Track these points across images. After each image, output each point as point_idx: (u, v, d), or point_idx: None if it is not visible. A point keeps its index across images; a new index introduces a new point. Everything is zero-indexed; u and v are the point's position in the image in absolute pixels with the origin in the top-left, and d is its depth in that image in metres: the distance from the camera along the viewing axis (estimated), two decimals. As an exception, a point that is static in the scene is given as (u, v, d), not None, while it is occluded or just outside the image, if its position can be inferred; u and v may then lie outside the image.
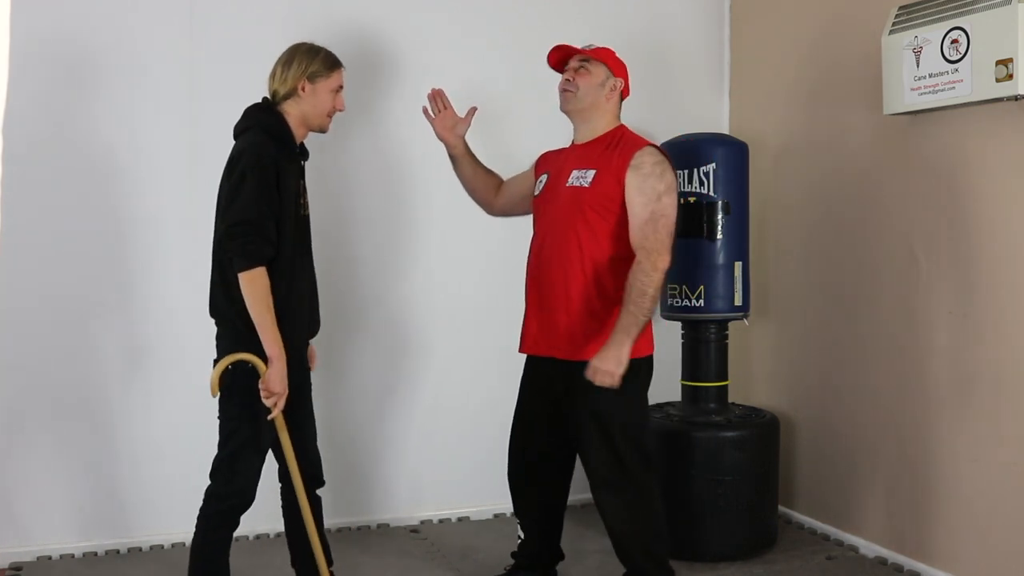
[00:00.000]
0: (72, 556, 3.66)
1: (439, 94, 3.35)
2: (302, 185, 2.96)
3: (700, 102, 4.51)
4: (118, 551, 3.72)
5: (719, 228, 3.72)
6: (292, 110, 2.90)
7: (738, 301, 3.76)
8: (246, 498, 2.87)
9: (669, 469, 3.60)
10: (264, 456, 2.91)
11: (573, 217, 3.02)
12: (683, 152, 3.78)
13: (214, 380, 2.73)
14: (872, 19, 3.59)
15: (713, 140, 3.85)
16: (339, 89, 2.98)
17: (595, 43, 3.19)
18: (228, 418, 2.84)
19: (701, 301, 3.73)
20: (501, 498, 3.39)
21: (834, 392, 3.89)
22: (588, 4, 4.29)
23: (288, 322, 2.80)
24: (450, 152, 3.37)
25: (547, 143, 3.34)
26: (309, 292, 2.99)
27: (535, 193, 3.22)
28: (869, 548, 3.70)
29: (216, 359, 2.84)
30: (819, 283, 3.97)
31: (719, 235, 3.72)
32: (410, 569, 3.59)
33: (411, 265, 4.10)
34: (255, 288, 2.70)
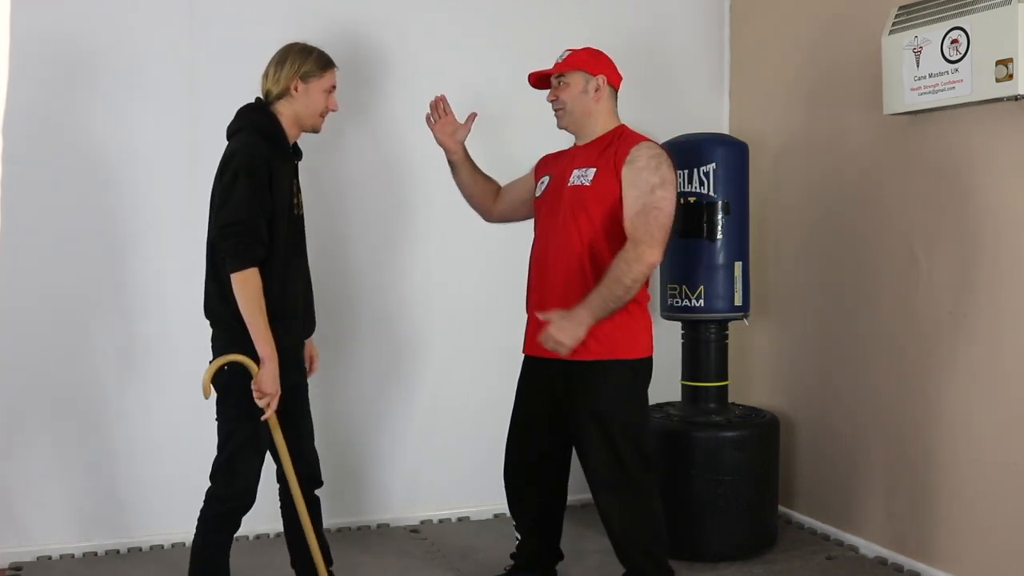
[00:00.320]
0: (72, 556, 3.66)
1: (441, 100, 3.35)
2: (296, 185, 2.96)
3: (700, 102, 4.51)
4: (118, 551, 3.72)
5: (719, 228, 3.72)
6: (285, 110, 2.90)
7: (738, 301, 3.76)
8: (247, 500, 2.87)
9: (669, 469, 3.60)
10: (263, 456, 2.90)
11: (576, 216, 3.02)
12: (683, 152, 3.78)
13: (205, 381, 2.73)
14: (872, 19, 3.59)
15: (713, 140, 3.85)
16: (332, 89, 2.98)
17: (574, 46, 3.17)
18: (226, 419, 2.84)
19: (701, 301, 3.73)
20: (501, 498, 3.38)
21: (834, 392, 3.89)
22: (588, 4, 4.29)
23: (282, 322, 2.80)
24: (449, 158, 3.37)
25: (547, 143, 3.34)
26: (303, 292, 2.99)
27: (536, 195, 3.22)
28: (869, 548, 3.70)
29: (211, 360, 2.84)
30: (819, 283, 3.97)
31: (719, 235, 3.72)
32: (410, 569, 3.59)
33: (410, 265, 4.10)
34: (247, 288, 2.70)
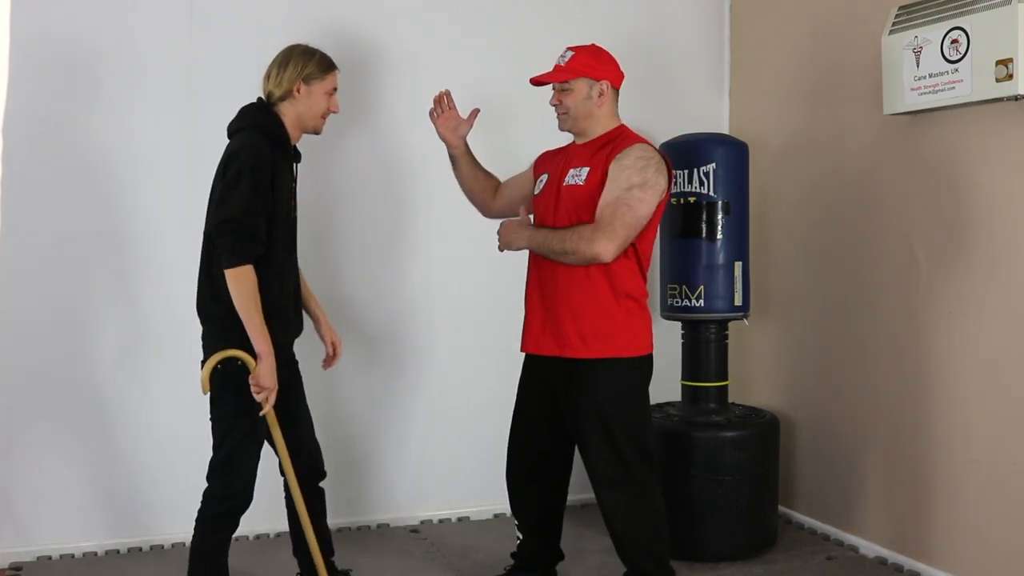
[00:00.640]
0: (72, 556, 3.66)
1: (445, 95, 3.35)
2: (293, 187, 2.98)
3: (700, 102, 4.51)
4: (118, 551, 3.72)
5: (719, 228, 3.72)
6: (287, 111, 2.92)
7: (738, 301, 3.76)
8: (245, 498, 2.88)
9: (669, 469, 3.59)
10: (259, 453, 2.92)
11: (571, 215, 3.03)
12: (683, 152, 3.78)
13: (204, 378, 2.74)
14: (872, 19, 3.59)
15: (713, 140, 3.85)
16: (334, 91, 3.00)
17: (578, 44, 3.16)
18: (222, 418, 2.85)
19: (701, 301, 3.73)
20: (501, 498, 3.39)
21: (834, 392, 3.89)
22: (588, 4, 4.29)
23: (278, 320, 2.83)
24: (450, 152, 3.37)
25: (548, 142, 3.34)
26: (295, 291, 3.01)
27: (535, 192, 3.22)
28: (869, 548, 3.70)
29: (203, 359, 2.85)
30: (819, 283, 3.97)
31: (719, 235, 3.72)
32: (410, 569, 3.59)
33: (411, 265, 4.10)
34: (242, 285, 2.71)
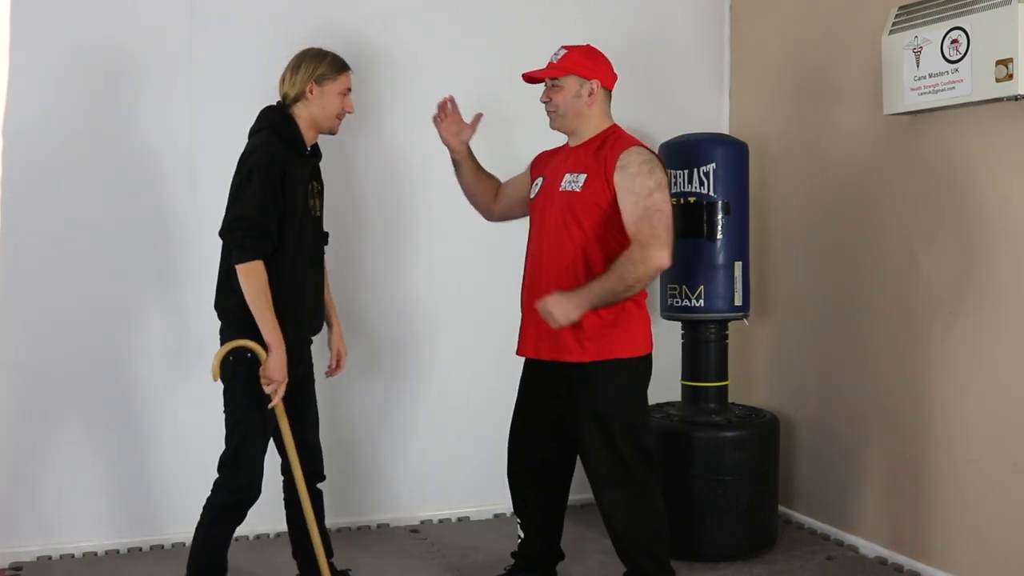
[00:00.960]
0: (72, 556, 3.66)
1: (449, 100, 3.33)
2: (313, 186, 3.03)
3: (700, 102, 4.51)
4: (118, 551, 3.72)
5: (719, 228, 3.72)
6: (302, 113, 2.98)
7: (738, 301, 3.76)
8: (253, 492, 2.93)
9: (669, 469, 3.59)
10: (266, 448, 2.95)
11: (567, 221, 3.02)
12: (683, 152, 3.78)
13: (215, 365, 2.81)
14: (872, 19, 3.59)
15: (713, 140, 3.85)
16: (347, 91, 3.04)
17: (578, 44, 3.16)
18: (233, 409, 2.91)
19: (701, 301, 3.73)
20: (501, 498, 3.39)
21: (834, 392, 3.89)
22: (588, 4, 4.29)
23: (290, 318, 2.87)
24: (453, 157, 3.36)
25: (547, 142, 3.34)
26: (314, 291, 3.04)
27: (531, 196, 3.22)
28: (869, 548, 3.70)
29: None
30: (819, 283, 3.97)
31: (719, 235, 3.72)
32: (410, 569, 3.59)
33: (412, 266, 4.10)
34: (252, 280, 2.79)
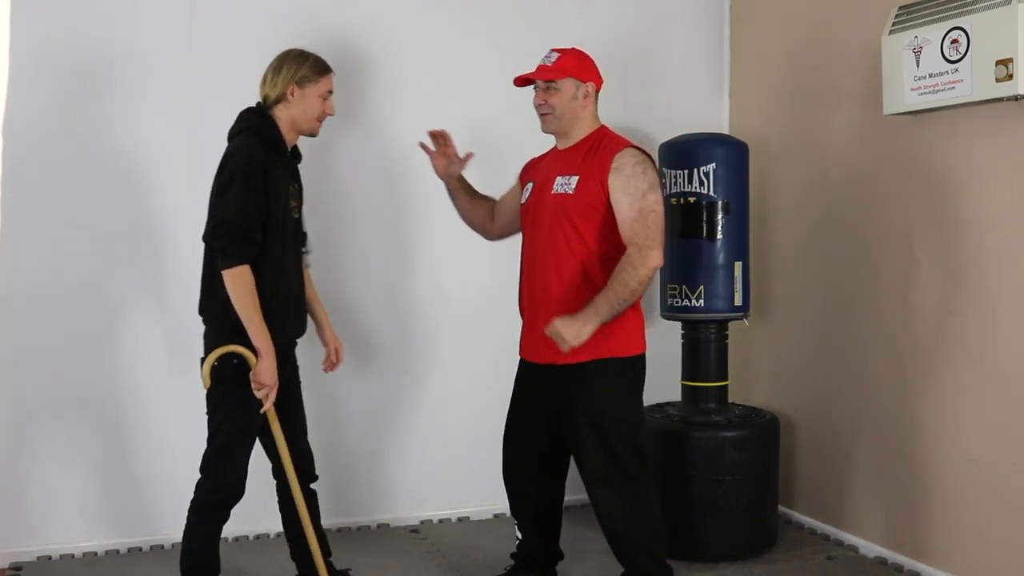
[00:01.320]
0: (72, 556, 3.66)
1: (441, 135, 3.34)
2: (294, 188, 3.01)
3: (700, 102, 4.51)
4: (118, 551, 3.72)
5: (719, 228, 3.72)
6: (282, 114, 2.96)
7: (738, 301, 3.76)
8: (236, 491, 2.93)
9: (669, 469, 3.60)
10: (251, 448, 2.95)
11: (560, 223, 3.03)
12: (683, 152, 3.78)
13: (205, 372, 2.80)
14: (872, 19, 3.59)
15: (713, 140, 3.85)
16: (328, 94, 3.02)
17: (577, 44, 3.17)
18: (215, 412, 2.90)
19: (701, 301, 3.73)
20: (501, 498, 3.39)
21: (834, 392, 3.89)
22: (588, 4, 4.29)
23: (275, 322, 2.86)
24: (447, 185, 3.39)
25: (547, 143, 3.34)
26: (296, 293, 3.03)
27: (522, 201, 3.23)
28: (869, 548, 3.70)
29: (203, 356, 2.89)
30: (819, 283, 3.97)
31: (719, 235, 3.72)
32: (410, 569, 3.59)
33: (410, 267, 4.10)
34: (240, 285, 2.77)
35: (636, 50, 4.32)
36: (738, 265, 3.76)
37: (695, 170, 3.72)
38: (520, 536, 3.33)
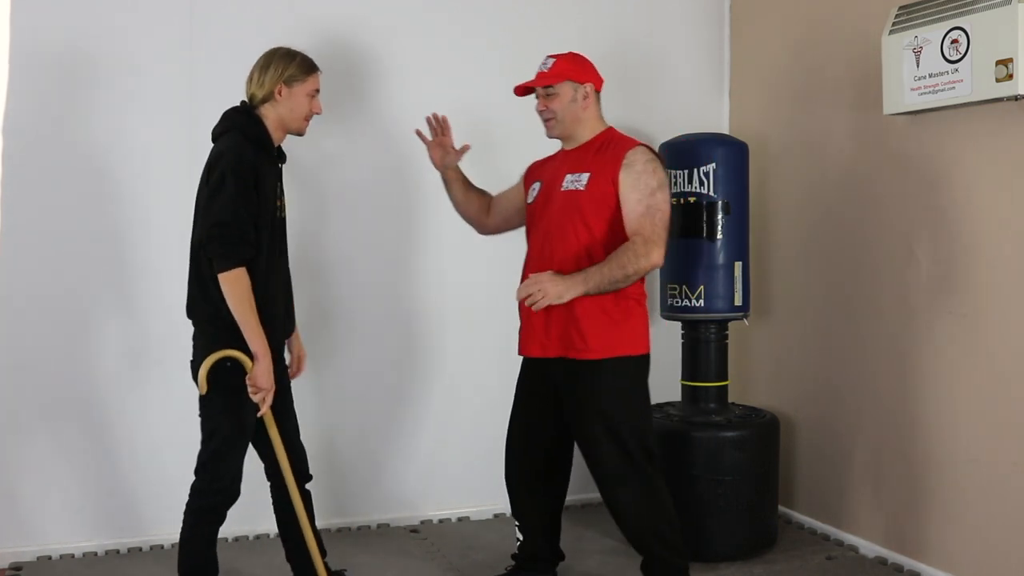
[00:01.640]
0: (72, 556, 3.66)
1: (439, 118, 3.34)
2: (280, 188, 3.00)
3: (700, 102, 4.51)
4: (118, 551, 3.72)
5: (719, 228, 3.72)
6: (270, 114, 2.94)
7: (738, 301, 3.76)
8: (231, 494, 2.92)
9: (669, 469, 3.57)
10: (245, 449, 2.94)
11: (572, 219, 3.05)
12: (683, 152, 3.78)
13: (202, 377, 2.77)
14: (872, 19, 3.59)
15: (713, 140, 3.85)
16: (316, 93, 3.01)
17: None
18: (209, 415, 2.88)
19: (701, 301, 3.73)
20: (501, 498, 3.39)
21: (834, 392, 3.89)
22: (588, 4, 4.29)
23: (268, 323, 2.84)
24: (442, 175, 3.40)
25: (547, 144, 3.34)
26: (284, 293, 3.03)
27: (528, 201, 3.24)
28: (869, 548, 3.70)
29: (192, 360, 2.88)
30: (819, 283, 3.97)
31: (719, 235, 3.72)
32: (410, 569, 3.59)
33: (410, 267, 4.10)
34: (237, 288, 2.74)
35: (636, 50, 4.32)
36: (738, 265, 3.76)
37: (695, 170, 3.73)
38: (521, 537, 3.33)
